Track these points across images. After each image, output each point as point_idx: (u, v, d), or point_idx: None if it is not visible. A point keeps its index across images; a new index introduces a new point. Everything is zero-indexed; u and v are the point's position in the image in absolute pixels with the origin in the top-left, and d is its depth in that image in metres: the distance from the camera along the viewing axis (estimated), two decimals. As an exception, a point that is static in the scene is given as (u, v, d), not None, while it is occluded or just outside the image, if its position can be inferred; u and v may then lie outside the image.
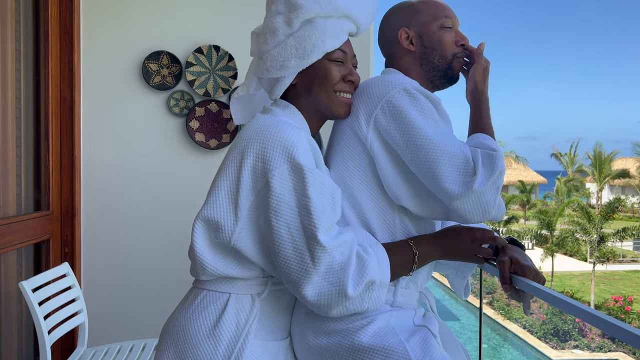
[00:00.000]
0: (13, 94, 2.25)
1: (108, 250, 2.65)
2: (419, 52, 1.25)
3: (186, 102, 2.67)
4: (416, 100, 1.11)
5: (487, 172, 1.05)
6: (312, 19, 1.09)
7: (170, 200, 2.67)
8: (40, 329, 1.85)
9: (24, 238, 2.24)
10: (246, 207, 1.02)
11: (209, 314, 1.07)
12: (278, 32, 1.11)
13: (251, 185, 1.02)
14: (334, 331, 1.08)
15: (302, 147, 1.01)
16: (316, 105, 1.14)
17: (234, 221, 1.02)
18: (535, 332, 13.38)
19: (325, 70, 1.11)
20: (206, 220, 1.04)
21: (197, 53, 2.65)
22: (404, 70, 1.26)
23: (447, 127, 1.12)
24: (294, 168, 0.99)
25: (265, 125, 1.04)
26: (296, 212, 0.99)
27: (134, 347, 2.20)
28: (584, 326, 13.20)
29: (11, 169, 2.24)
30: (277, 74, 1.11)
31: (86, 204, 2.64)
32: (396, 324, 1.09)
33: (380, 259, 1.03)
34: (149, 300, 2.66)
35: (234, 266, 1.07)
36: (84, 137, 2.63)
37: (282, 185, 0.99)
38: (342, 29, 1.12)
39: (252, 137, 1.03)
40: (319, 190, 0.99)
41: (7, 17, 2.21)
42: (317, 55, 1.09)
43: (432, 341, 1.07)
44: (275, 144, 1.01)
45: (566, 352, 12.47)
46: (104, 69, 2.64)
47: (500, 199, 1.09)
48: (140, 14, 2.66)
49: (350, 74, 1.15)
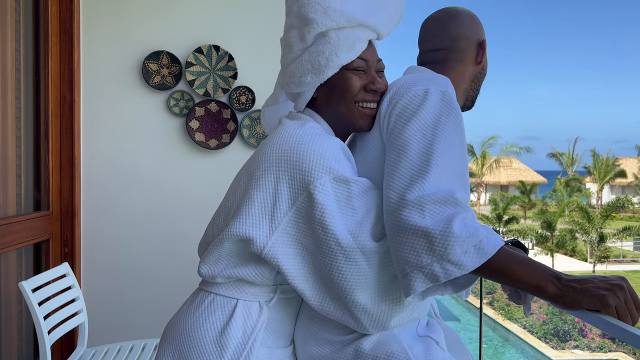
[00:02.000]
0: (13, 94, 2.25)
1: (108, 250, 2.65)
2: (479, 70, 1.22)
3: (186, 102, 2.67)
4: (450, 107, 1.02)
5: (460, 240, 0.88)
6: (324, 33, 1.05)
7: (170, 200, 2.68)
8: (40, 329, 1.85)
9: (23, 238, 2.24)
10: (283, 221, 0.99)
11: (216, 319, 1.05)
12: (294, 47, 1.08)
13: (290, 200, 0.99)
14: (336, 340, 1.07)
15: (339, 157, 1.00)
16: (337, 117, 1.10)
17: (267, 234, 0.99)
18: (536, 332, 13.38)
19: (344, 81, 1.07)
20: (238, 236, 1.01)
21: (197, 53, 2.65)
22: (460, 76, 1.19)
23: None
24: (335, 180, 0.97)
25: (298, 136, 1.02)
26: (342, 224, 0.96)
27: (134, 347, 2.19)
28: (584, 326, 13.20)
29: (11, 169, 2.24)
30: (297, 90, 1.10)
31: (86, 204, 2.64)
32: (399, 332, 1.07)
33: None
34: (149, 300, 2.66)
35: (252, 269, 1.05)
36: (84, 137, 2.63)
37: (326, 197, 0.97)
38: (357, 39, 1.05)
39: (288, 150, 1.00)
40: (363, 201, 0.98)
41: (7, 17, 2.20)
42: (333, 70, 1.05)
43: (435, 349, 1.05)
44: (313, 156, 0.98)
45: (566, 352, 12.47)
46: (104, 69, 2.64)
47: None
48: (140, 14, 2.66)
49: (372, 82, 1.08)
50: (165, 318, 1.55)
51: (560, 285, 0.87)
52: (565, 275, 0.89)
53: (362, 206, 0.98)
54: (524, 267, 0.89)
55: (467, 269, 0.88)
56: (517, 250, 1.13)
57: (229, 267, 1.05)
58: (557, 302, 0.87)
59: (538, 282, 0.88)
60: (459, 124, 1.01)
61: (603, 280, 0.87)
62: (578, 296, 0.85)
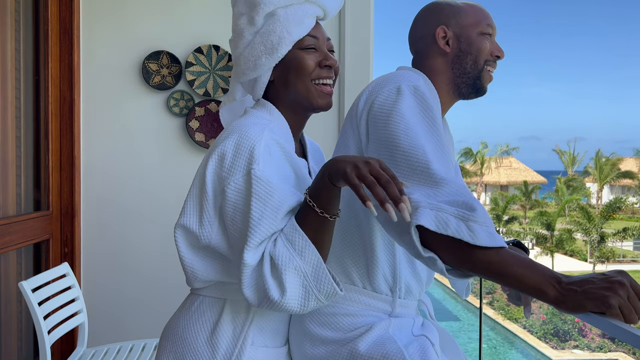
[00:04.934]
0: (13, 94, 2.25)
1: (108, 250, 2.65)
2: (452, 54, 1.20)
3: (186, 102, 2.67)
4: (422, 101, 1.07)
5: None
6: (273, 12, 1.07)
7: (170, 200, 2.67)
8: (40, 329, 1.85)
9: (23, 238, 2.24)
10: (212, 209, 1.02)
11: (206, 320, 1.07)
12: (245, 33, 1.10)
13: (213, 190, 1.02)
14: (331, 340, 1.08)
15: (260, 151, 0.99)
16: (295, 98, 1.11)
17: (198, 225, 1.03)
18: (535, 332, 13.39)
19: (298, 60, 1.08)
20: (182, 228, 1.04)
21: (197, 53, 2.65)
22: (432, 71, 1.21)
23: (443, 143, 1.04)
24: (246, 176, 0.98)
25: (230, 129, 1.04)
26: (241, 221, 0.98)
27: (134, 347, 2.19)
28: (584, 326, 13.20)
29: (11, 169, 2.24)
30: (253, 75, 1.10)
31: (86, 204, 2.64)
32: (395, 333, 1.07)
33: (292, 239, 0.96)
34: (148, 300, 2.66)
35: (223, 271, 1.06)
36: (84, 137, 2.63)
37: (235, 195, 0.98)
38: (305, 14, 1.08)
39: (218, 142, 1.03)
40: (262, 202, 0.96)
41: (7, 17, 2.21)
42: (286, 47, 1.07)
43: (430, 349, 1.06)
44: (234, 148, 1.00)
45: (566, 352, 12.48)
46: (104, 69, 2.64)
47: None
48: (140, 14, 2.66)
49: (326, 58, 1.10)
50: (165, 318, 1.55)
51: (561, 288, 0.86)
52: (565, 277, 0.88)
53: (259, 208, 0.96)
54: (524, 269, 0.88)
55: (477, 242, 0.88)
56: (518, 251, 1.13)
57: (205, 274, 1.06)
58: (560, 306, 0.86)
59: (539, 285, 0.86)
60: (431, 114, 1.05)
61: (603, 278, 0.86)
62: (580, 299, 0.84)
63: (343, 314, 1.10)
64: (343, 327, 1.08)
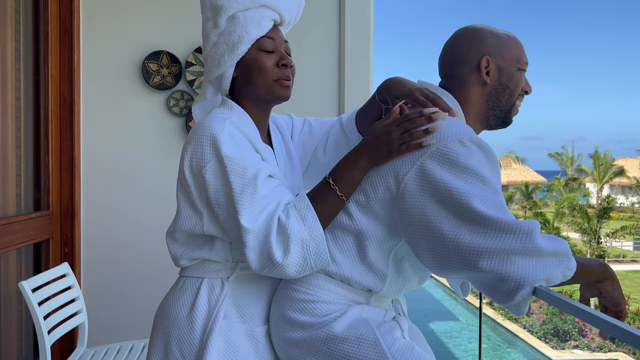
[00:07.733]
0: (13, 94, 2.25)
1: (108, 250, 2.65)
2: (491, 87, 1.19)
3: (186, 101, 2.67)
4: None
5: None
6: (233, 15, 1.19)
7: (170, 200, 2.67)
8: (40, 329, 1.85)
9: (23, 238, 2.24)
10: (200, 203, 1.14)
11: (187, 298, 1.21)
12: (210, 36, 1.22)
13: (195, 184, 1.14)
14: (309, 324, 1.13)
15: (224, 138, 1.11)
16: (257, 93, 1.22)
17: (196, 221, 1.16)
18: (535, 332, 13.38)
19: (257, 60, 1.20)
20: (181, 232, 1.19)
21: (196, 53, 2.65)
22: (467, 100, 1.20)
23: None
24: (218, 159, 1.10)
25: (196, 127, 1.16)
26: (226, 200, 1.09)
27: (134, 347, 2.19)
28: (584, 326, 13.20)
29: (11, 169, 2.24)
30: (218, 71, 1.22)
31: (86, 204, 2.64)
32: (368, 316, 1.14)
33: (304, 215, 1.09)
34: (148, 300, 2.66)
35: (206, 248, 1.19)
36: (84, 137, 2.63)
37: (213, 178, 1.10)
38: (262, 18, 1.20)
39: (187, 141, 1.15)
40: (239, 176, 1.08)
41: (7, 17, 2.21)
42: (245, 45, 1.18)
43: (399, 331, 1.12)
44: (201, 141, 1.12)
45: (566, 352, 12.47)
46: (104, 68, 2.64)
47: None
48: (140, 14, 2.66)
49: (282, 58, 1.21)
50: (165, 318, 1.56)
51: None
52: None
53: (238, 182, 1.08)
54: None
55: (567, 278, 1.04)
56: None
57: (189, 250, 1.21)
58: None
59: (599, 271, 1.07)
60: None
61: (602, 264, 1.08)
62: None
63: (320, 301, 1.15)
64: (319, 312, 1.14)
